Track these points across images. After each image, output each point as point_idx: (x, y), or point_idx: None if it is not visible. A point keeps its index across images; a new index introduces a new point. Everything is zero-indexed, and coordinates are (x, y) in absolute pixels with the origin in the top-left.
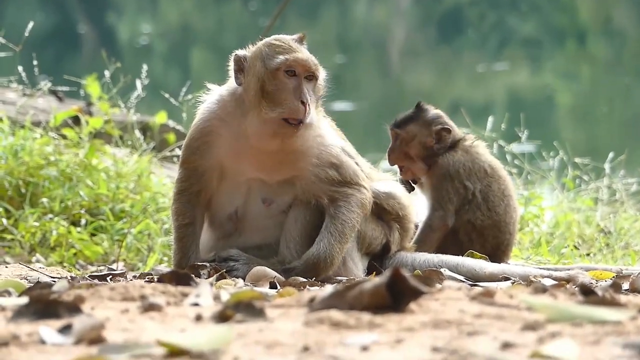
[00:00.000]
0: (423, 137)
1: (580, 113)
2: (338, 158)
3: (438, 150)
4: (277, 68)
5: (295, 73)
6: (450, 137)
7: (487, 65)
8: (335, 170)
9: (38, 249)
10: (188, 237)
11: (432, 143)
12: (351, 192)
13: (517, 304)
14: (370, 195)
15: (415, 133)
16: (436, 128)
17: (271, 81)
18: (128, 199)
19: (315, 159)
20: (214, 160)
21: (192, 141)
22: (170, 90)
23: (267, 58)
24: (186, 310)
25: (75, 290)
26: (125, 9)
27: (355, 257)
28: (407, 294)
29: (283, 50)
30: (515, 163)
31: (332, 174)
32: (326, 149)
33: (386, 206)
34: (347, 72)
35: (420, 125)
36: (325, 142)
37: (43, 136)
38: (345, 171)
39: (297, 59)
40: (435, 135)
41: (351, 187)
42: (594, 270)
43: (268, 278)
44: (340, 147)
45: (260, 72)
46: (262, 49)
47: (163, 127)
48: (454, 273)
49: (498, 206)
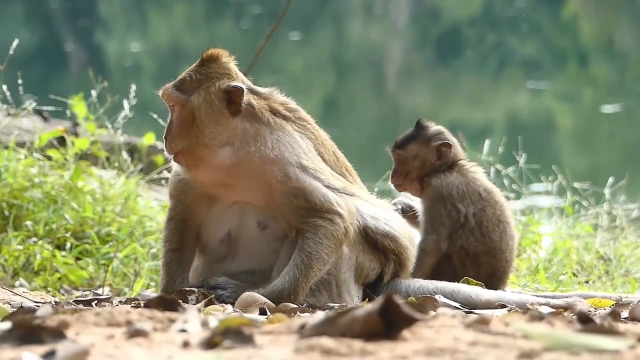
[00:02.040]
0: (423, 154)
1: (580, 137)
2: (301, 182)
3: (440, 167)
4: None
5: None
6: (452, 152)
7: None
8: (301, 198)
9: (21, 273)
10: (175, 261)
11: (433, 160)
12: (320, 224)
13: (513, 332)
14: (347, 223)
15: (416, 152)
16: (436, 144)
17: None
18: (114, 222)
19: (277, 184)
20: (197, 192)
21: (173, 176)
22: (159, 111)
23: None
24: (173, 336)
25: (59, 315)
26: (113, 26)
27: (352, 290)
28: (400, 321)
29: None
30: (513, 187)
31: (298, 202)
32: (286, 171)
33: (383, 244)
34: (342, 93)
35: (420, 143)
36: (283, 163)
37: (27, 157)
38: (314, 197)
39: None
40: (435, 151)
41: (322, 217)
42: (593, 298)
43: (258, 304)
44: (302, 168)
45: None
46: None
47: (151, 149)
48: (449, 300)
49: (492, 232)
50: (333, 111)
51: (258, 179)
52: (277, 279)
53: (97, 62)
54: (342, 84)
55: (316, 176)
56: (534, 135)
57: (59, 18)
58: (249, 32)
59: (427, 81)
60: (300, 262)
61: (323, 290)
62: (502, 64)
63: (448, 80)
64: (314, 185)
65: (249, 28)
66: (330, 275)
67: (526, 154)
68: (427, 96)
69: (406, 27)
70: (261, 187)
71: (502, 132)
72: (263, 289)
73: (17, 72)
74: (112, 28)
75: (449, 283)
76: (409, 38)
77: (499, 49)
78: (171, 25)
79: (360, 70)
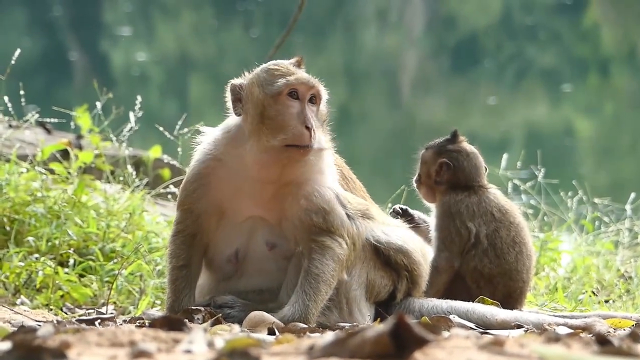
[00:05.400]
0: (429, 164)
1: (601, 150)
2: (329, 204)
3: (437, 184)
4: (278, 92)
5: (298, 95)
6: (451, 174)
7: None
8: (322, 217)
9: (23, 290)
10: (182, 279)
11: (433, 174)
12: (329, 244)
13: (528, 353)
14: (347, 252)
15: (426, 159)
16: (441, 160)
17: (272, 106)
18: (119, 238)
19: (304, 200)
20: (211, 202)
21: (188, 184)
22: (165, 123)
23: (266, 83)
24: (178, 357)
25: (61, 335)
26: (119, 35)
27: (363, 308)
28: (411, 342)
29: (282, 73)
30: (531, 203)
31: (317, 220)
32: (320, 190)
33: (396, 259)
34: (355, 102)
35: (434, 153)
36: (322, 183)
37: (30, 171)
38: (333, 220)
39: (299, 79)
40: (438, 167)
41: (332, 238)
42: (613, 318)
43: (266, 324)
44: (335, 194)
45: (259, 99)
46: (259, 74)
47: (157, 162)
48: (464, 320)
49: (507, 254)
50: (345, 122)
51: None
52: (286, 307)
53: (102, 72)
54: (355, 94)
55: (342, 202)
56: (553, 147)
57: (62, 26)
58: (259, 41)
59: (443, 91)
60: (308, 286)
61: (333, 309)
62: (520, 74)
63: (465, 90)
64: (337, 210)
65: (258, 37)
66: (340, 293)
67: (545, 168)
68: (442, 107)
69: (422, 35)
70: (287, 199)
71: (521, 144)
72: (274, 314)
73: (19, 82)
74: (117, 36)
75: (464, 302)
76: (425, 46)
77: (517, 58)
78: (178, 33)
79: (374, 80)
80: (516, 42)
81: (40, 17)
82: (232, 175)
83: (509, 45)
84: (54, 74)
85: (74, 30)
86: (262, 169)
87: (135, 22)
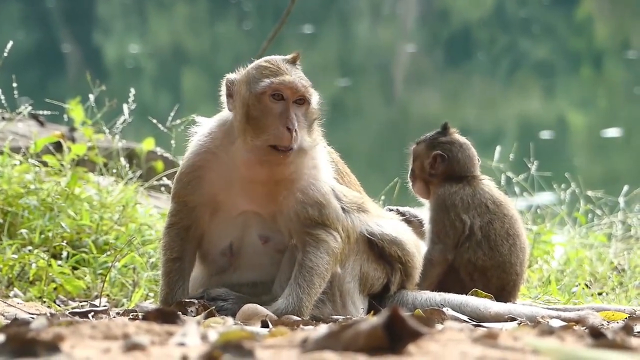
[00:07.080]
0: (422, 158)
1: (594, 143)
2: (325, 198)
3: (431, 177)
4: (262, 92)
5: (283, 97)
6: (446, 165)
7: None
8: (317, 210)
9: (16, 283)
10: (175, 272)
11: (428, 167)
12: (324, 238)
13: (521, 346)
14: (341, 245)
15: (419, 153)
16: (435, 152)
17: (256, 106)
18: (112, 230)
19: (300, 194)
20: (205, 194)
21: (182, 175)
22: (159, 115)
23: (253, 81)
24: (171, 350)
25: (54, 327)
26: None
27: (356, 300)
28: (405, 335)
29: (270, 73)
30: (524, 196)
31: (312, 213)
32: (316, 184)
33: (390, 252)
34: (350, 96)
35: (426, 146)
36: (318, 177)
37: (22, 163)
38: (329, 213)
39: (283, 82)
40: (432, 159)
41: (327, 231)
42: (606, 310)
43: (260, 316)
44: (331, 187)
45: (245, 97)
46: (250, 71)
47: (150, 155)
48: (458, 313)
49: (501, 246)
50: (339, 115)
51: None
52: (280, 299)
53: (95, 64)
54: (349, 87)
55: (338, 196)
56: (546, 140)
57: (55, 18)
58: (252, 34)
59: (437, 84)
60: (302, 279)
61: (327, 302)
62: (513, 67)
63: (458, 83)
64: (333, 203)
65: (251, 29)
66: (334, 285)
67: (538, 161)
68: (436, 100)
69: (415, 28)
70: (281, 194)
71: (514, 137)
72: (267, 307)
73: (12, 74)
74: (111, 29)
75: (457, 295)
76: (418, 40)
77: (510, 52)
78: (172, 26)
79: (368, 73)
80: (510, 35)
81: (34, 9)
82: (225, 169)
83: (503, 38)
84: (47, 66)
85: (67, 22)
86: (249, 169)
87: (128, 15)
